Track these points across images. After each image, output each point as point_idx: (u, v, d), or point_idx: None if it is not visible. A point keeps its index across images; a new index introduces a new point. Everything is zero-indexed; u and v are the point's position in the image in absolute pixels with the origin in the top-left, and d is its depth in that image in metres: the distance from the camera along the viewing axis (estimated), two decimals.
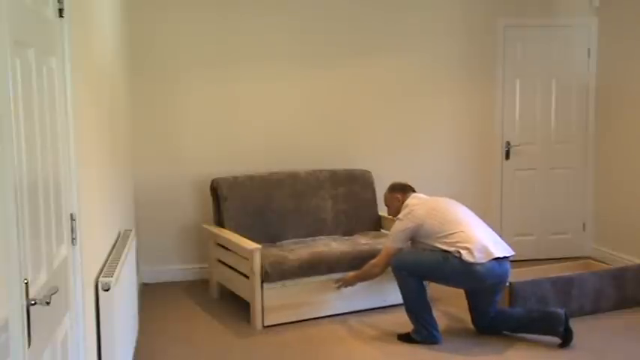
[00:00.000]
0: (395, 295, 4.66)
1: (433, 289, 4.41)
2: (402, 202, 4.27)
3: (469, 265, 3.86)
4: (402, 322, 4.18)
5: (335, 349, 4.03)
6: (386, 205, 4.51)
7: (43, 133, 1.94)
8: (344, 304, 4.60)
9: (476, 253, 3.86)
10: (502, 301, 4.24)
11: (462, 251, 3.87)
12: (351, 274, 4.43)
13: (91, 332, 2.63)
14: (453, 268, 3.91)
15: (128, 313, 3.48)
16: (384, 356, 3.94)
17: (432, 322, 4.09)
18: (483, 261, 3.87)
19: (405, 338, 4.13)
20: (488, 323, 4.17)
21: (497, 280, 4.00)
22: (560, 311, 4.01)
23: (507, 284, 4.22)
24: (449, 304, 4.65)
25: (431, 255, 4.01)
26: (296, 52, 5.54)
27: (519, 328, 4.15)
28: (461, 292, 4.25)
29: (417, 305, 4.10)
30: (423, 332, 4.07)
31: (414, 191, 4.37)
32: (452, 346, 4.04)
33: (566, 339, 3.99)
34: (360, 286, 4.51)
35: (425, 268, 4.04)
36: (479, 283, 3.96)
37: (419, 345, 4.04)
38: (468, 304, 4.22)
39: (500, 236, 4.22)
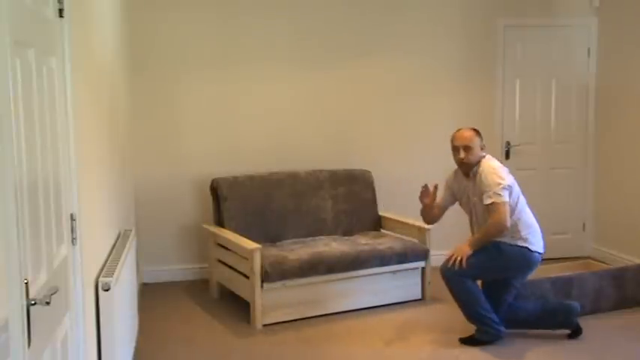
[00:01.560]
0: (393, 294, 4.69)
1: (436, 289, 4.40)
2: (480, 155, 4.04)
3: (530, 252, 3.93)
4: (402, 320, 4.19)
5: (335, 349, 4.03)
6: (467, 146, 4.01)
7: (43, 133, 1.94)
8: (344, 304, 4.60)
9: (540, 241, 3.98)
10: None
11: (529, 237, 3.93)
12: (466, 244, 3.95)
13: (91, 332, 2.63)
14: (513, 254, 3.92)
15: (128, 313, 3.48)
16: (385, 355, 3.94)
17: (494, 318, 3.99)
18: (541, 251, 3.99)
19: (469, 341, 4.00)
20: (499, 318, 4.08)
21: (531, 273, 4.12)
22: (575, 304, 4.12)
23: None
24: (450, 303, 4.64)
25: (486, 251, 3.91)
26: (296, 53, 5.53)
27: (530, 321, 4.14)
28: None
29: (478, 308, 3.95)
30: (490, 331, 3.98)
31: None
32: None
33: (576, 331, 4.09)
34: (359, 285, 4.50)
35: (487, 264, 3.92)
36: (530, 271, 4.04)
37: (422, 345, 4.03)
38: (485, 295, 4.08)
39: None
